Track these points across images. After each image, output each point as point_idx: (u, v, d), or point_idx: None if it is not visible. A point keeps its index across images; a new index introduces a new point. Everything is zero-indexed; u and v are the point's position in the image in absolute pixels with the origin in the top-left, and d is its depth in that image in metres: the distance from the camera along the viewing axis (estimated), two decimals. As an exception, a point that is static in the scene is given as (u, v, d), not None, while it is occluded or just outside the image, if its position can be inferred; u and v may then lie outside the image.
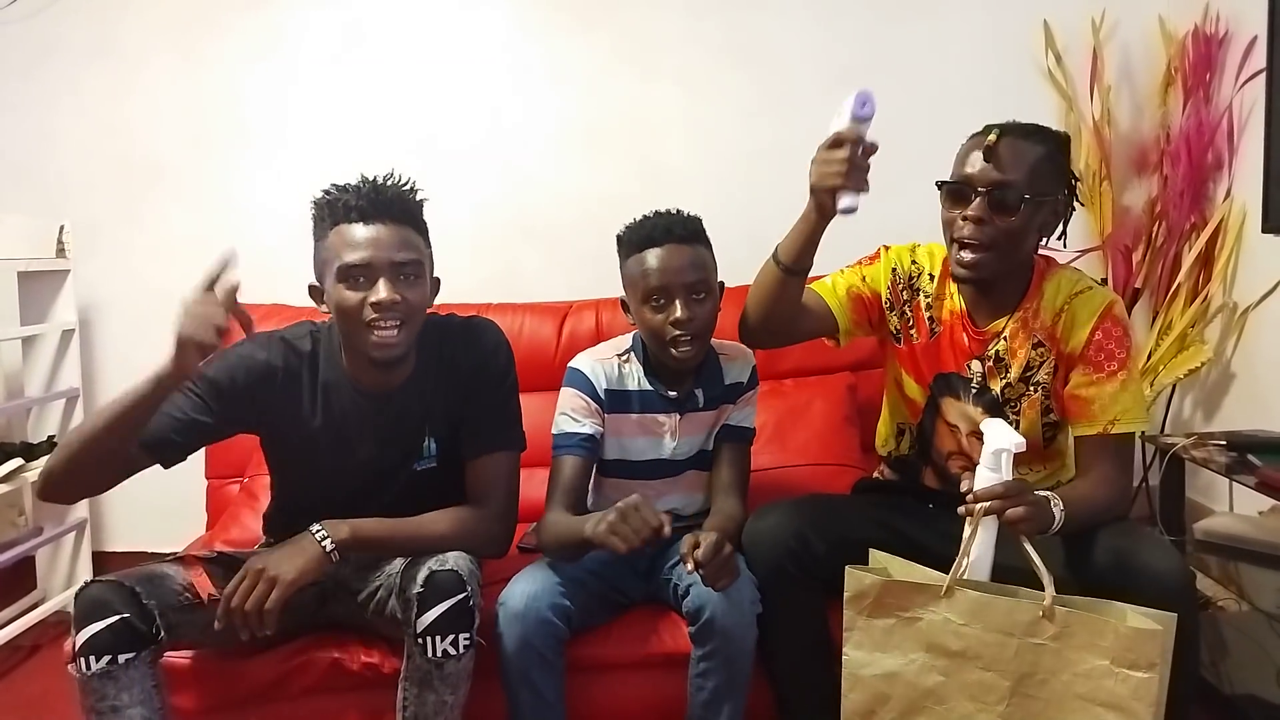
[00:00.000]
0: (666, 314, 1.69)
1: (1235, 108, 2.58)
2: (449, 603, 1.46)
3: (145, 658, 1.45)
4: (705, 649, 1.59)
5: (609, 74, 2.79)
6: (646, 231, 1.72)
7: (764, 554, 1.62)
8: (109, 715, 1.42)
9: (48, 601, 2.64)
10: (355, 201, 1.55)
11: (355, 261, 1.53)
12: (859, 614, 1.51)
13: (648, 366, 1.82)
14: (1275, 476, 1.86)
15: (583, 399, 1.78)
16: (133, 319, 2.84)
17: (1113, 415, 1.58)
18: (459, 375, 1.69)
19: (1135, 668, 1.33)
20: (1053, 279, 1.67)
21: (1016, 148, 1.55)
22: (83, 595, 1.46)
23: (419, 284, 1.59)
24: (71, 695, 1.44)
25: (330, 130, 2.77)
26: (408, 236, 1.58)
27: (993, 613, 1.42)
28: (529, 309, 2.49)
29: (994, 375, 1.68)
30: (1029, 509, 1.41)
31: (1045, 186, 1.58)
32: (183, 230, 2.81)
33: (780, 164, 2.79)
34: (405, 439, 1.69)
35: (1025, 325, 1.66)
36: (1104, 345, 1.60)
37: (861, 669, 1.52)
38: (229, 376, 1.61)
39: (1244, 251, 2.57)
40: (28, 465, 2.49)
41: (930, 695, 1.48)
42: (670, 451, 1.83)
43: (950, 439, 1.75)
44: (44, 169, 2.81)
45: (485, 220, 2.81)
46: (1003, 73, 2.78)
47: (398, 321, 1.54)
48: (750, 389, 1.88)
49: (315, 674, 1.67)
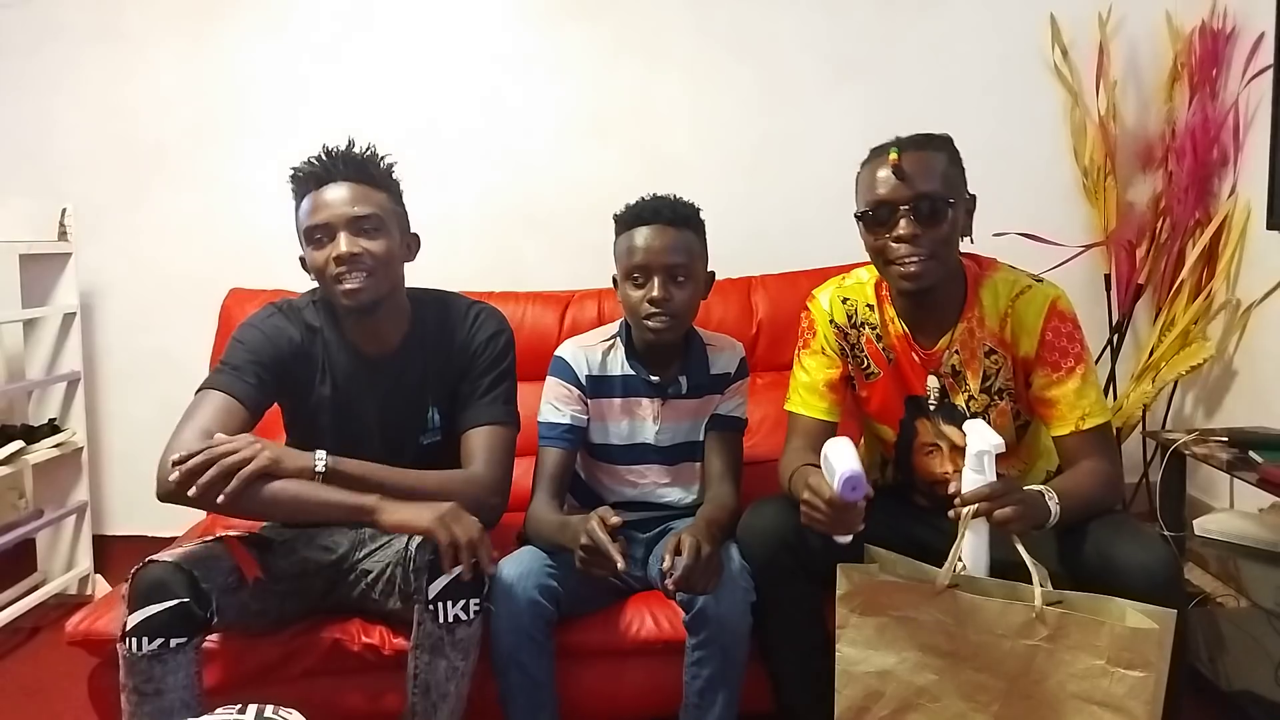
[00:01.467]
0: (644, 291, 1.73)
1: (1241, 104, 2.57)
2: (459, 568, 1.47)
3: (195, 642, 1.47)
4: (700, 637, 1.60)
5: (612, 63, 2.78)
6: (638, 211, 1.77)
7: (760, 546, 1.62)
8: (151, 698, 1.43)
9: (48, 584, 2.64)
10: (314, 169, 1.64)
11: (315, 223, 1.62)
12: (851, 611, 1.51)
13: (631, 350, 1.85)
14: (1276, 473, 1.86)
15: (564, 386, 1.83)
16: (135, 303, 2.84)
17: (1080, 412, 1.58)
18: (458, 352, 1.73)
19: (1131, 667, 1.32)
20: (988, 285, 1.65)
21: (921, 158, 1.55)
22: (143, 575, 1.46)
23: (381, 236, 1.64)
24: (72, 675, 1.44)
25: (333, 116, 2.76)
26: (365, 193, 1.64)
27: (984, 616, 1.42)
28: (531, 298, 2.49)
29: (955, 390, 1.67)
30: (1017, 508, 1.40)
31: (958, 185, 1.58)
32: (185, 214, 2.80)
33: (784, 156, 2.81)
34: (407, 407, 1.73)
35: (973, 335, 1.64)
36: (1056, 344, 1.59)
37: (854, 665, 1.52)
38: (271, 350, 1.66)
39: (1248, 248, 2.57)
40: (29, 448, 2.49)
41: (924, 693, 1.49)
42: (653, 436, 1.85)
43: (932, 465, 1.73)
44: (46, 152, 2.81)
45: (488, 208, 2.81)
46: (1008, 66, 2.77)
47: (363, 272, 1.60)
48: (739, 379, 1.89)
49: (316, 655, 1.68)
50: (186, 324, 2.74)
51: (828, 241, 2.33)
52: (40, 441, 2.56)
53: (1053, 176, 2.81)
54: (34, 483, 2.74)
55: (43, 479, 2.72)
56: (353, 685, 1.71)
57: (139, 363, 2.84)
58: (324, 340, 1.72)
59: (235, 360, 1.64)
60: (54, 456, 2.59)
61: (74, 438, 2.67)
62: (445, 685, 1.52)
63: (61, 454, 2.62)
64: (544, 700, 1.61)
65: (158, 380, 2.83)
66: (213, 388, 1.60)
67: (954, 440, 1.68)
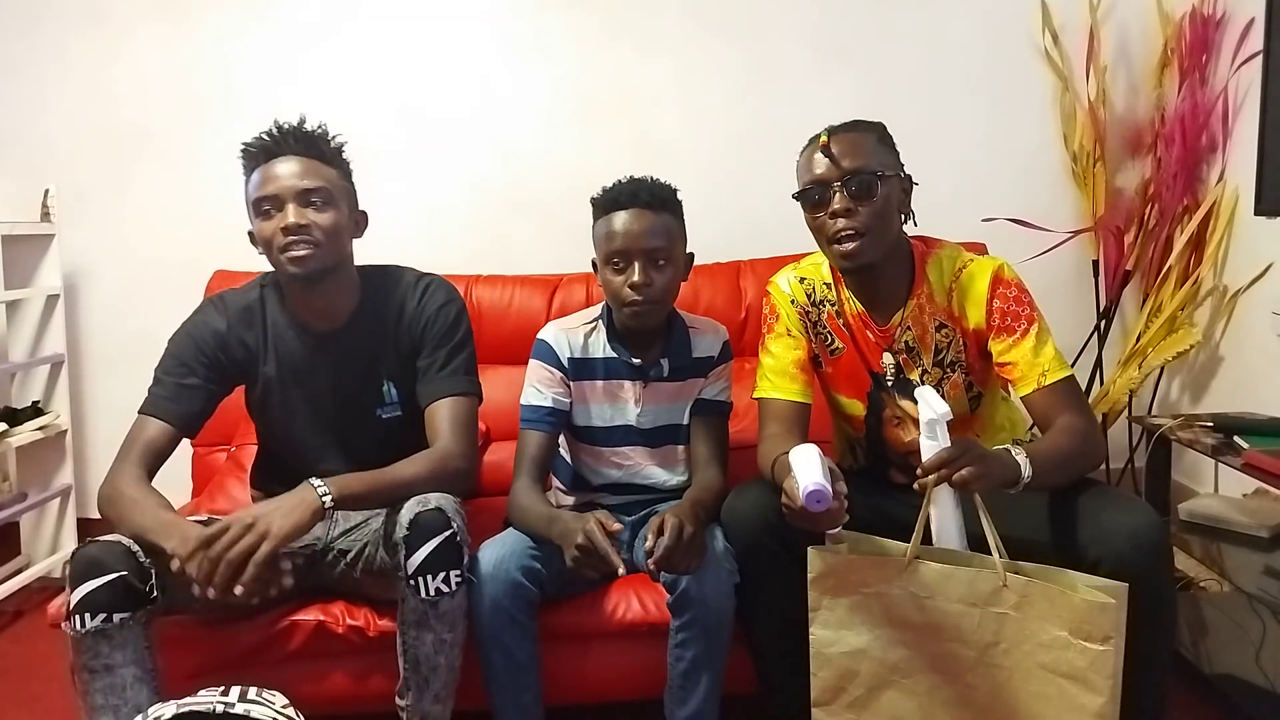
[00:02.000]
0: (625, 277, 1.73)
1: (1231, 90, 2.57)
2: (436, 541, 1.48)
3: (140, 618, 1.47)
4: (683, 619, 1.60)
5: (601, 48, 2.76)
6: (615, 195, 1.76)
7: (743, 529, 1.63)
8: (102, 674, 1.43)
9: (32, 567, 2.64)
10: (265, 143, 1.66)
11: (264, 194, 1.63)
12: (823, 594, 1.52)
13: (612, 333, 1.85)
14: (1261, 458, 1.87)
15: (546, 369, 1.83)
16: (119, 285, 2.82)
17: (1040, 369, 1.60)
18: (409, 324, 1.75)
19: (1091, 640, 1.34)
20: (933, 261, 1.70)
21: (850, 139, 1.62)
22: (80, 553, 1.47)
23: (328, 209, 1.65)
24: (56, 659, 1.44)
25: (320, 100, 2.73)
26: (313, 167, 1.65)
27: (955, 584, 1.43)
28: (519, 281, 2.48)
29: (910, 366, 1.70)
30: (976, 467, 1.38)
31: (890, 163, 1.64)
32: (170, 196, 2.78)
33: (773, 140, 2.78)
34: (360, 381, 1.75)
35: (923, 310, 1.68)
36: (1005, 310, 1.63)
37: (828, 647, 1.53)
38: (194, 342, 1.71)
39: (1235, 234, 2.57)
40: (12, 430, 2.48)
41: (896, 669, 1.50)
42: (635, 419, 1.85)
43: (902, 435, 1.75)
44: (29, 133, 2.77)
45: (476, 193, 2.79)
46: (998, 51, 2.76)
47: (310, 244, 1.61)
48: (723, 363, 1.89)
49: (300, 638, 1.67)
50: (171, 307, 2.67)
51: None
52: (24, 424, 2.54)
53: (1042, 162, 2.81)
54: (18, 466, 2.73)
55: (27, 462, 2.70)
56: (339, 668, 1.71)
57: (123, 346, 2.82)
58: (267, 321, 1.74)
59: (165, 371, 1.70)
60: (38, 439, 2.58)
61: (58, 420, 2.66)
62: (435, 658, 1.52)
63: (45, 437, 2.61)
64: (527, 682, 1.62)
65: (142, 363, 2.74)
66: (146, 412, 1.66)
67: (912, 414, 1.71)
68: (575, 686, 1.75)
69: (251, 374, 1.75)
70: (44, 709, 2.04)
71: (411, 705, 1.54)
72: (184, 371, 1.68)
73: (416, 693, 1.54)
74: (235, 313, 1.74)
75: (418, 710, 1.54)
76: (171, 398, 1.66)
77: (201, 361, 1.69)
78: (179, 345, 1.71)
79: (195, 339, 1.71)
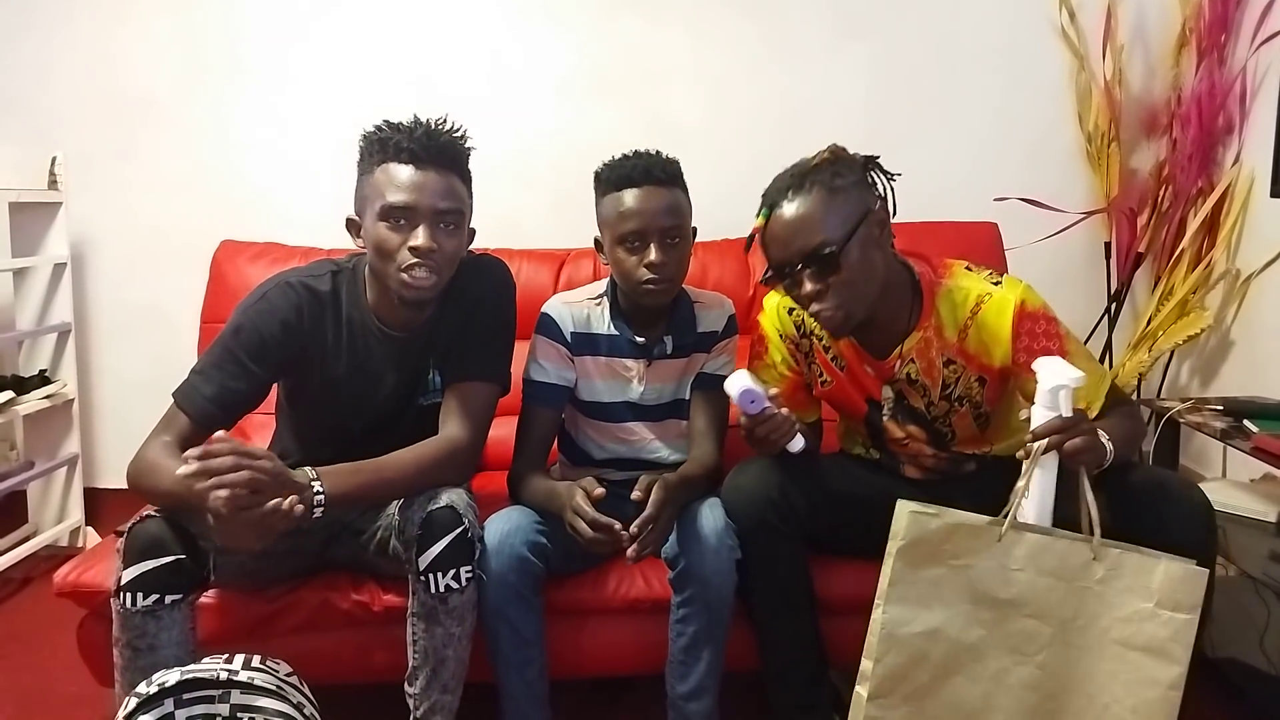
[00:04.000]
0: (641, 257, 1.68)
1: (1249, 70, 2.54)
2: (448, 539, 1.48)
3: (190, 599, 1.47)
4: (684, 595, 1.60)
5: (613, 19, 2.73)
6: (625, 171, 1.69)
7: (745, 506, 1.61)
8: (145, 653, 1.43)
9: (39, 535, 2.65)
10: (407, 143, 1.54)
11: (399, 203, 1.53)
12: (908, 565, 1.42)
13: (616, 310, 1.81)
14: (1271, 442, 1.86)
15: (551, 344, 1.79)
16: (126, 254, 2.81)
17: (1085, 402, 1.54)
18: (462, 306, 1.69)
19: (1179, 609, 1.35)
20: (944, 295, 1.59)
21: (794, 217, 1.46)
22: (138, 531, 1.44)
23: (457, 233, 1.59)
24: (62, 626, 1.44)
25: (328, 69, 2.72)
26: (453, 185, 1.58)
27: (1048, 556, 1.40)
28: (527, 255, 2.47)
29: (912, 395, 1.66)
30: (1087, 439, 1.37)
31: (848, 217, 1.47)
32: (177, 165, 2.77)
33: (787, 114, 2.77)
34: (416, 374, 1.70)
35: (929, 344, 1.60)
36: (1034, 347, 1.54)
37: (901, 627, 1.42)
38: (261, 333, 1.59)
39: (1250, 218, 2.55)
40: (19, 398, 2.48)
41: (969, 651, 1.43)
42: (638, 396, 1.84)
43: (908, 451, 1.73)
44: (36, 100, 2.76)
45: (484, 165, 2.71)
46: (1014, 28, 2.73)
47: (433, 267, 1.54)
48: (727, 337, 1.87)
49: (305, 612, 1.68)
50: (177, 276, 2.71)
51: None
52: (31, 392, 2.54)
53: (1056, 141, 2.78)
54: (25, 434, 2.73)
55: (34, 430, 2.71)
56: (343, 641, 1.71)
57: (130, 314, 2.82)
58: (343, 317, 1.66)
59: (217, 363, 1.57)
60: (45, 408, 2.58)
61: (65, 389, 2.66)
62: (444, 651, 1.52)
63: (52, 405, 2.61)
64: (532, 656, 1.62)
65: (149, 333, 2.81)
66: (183, 407, 1.54)
67: (918, 437, 1.69)
68: (578, 661, 1.76)
69: (314, 367, 1.66)
70: (51, 676, 2.05)
71: (420, 694, 1.54)
72: (236, 371, 1.56)
73: (425, 682, 1.53)
74: (309, 303, 1.63)
75: (426, 698, 1.54)
76: (213, 400, 1.55)
77: (261, 359, 1.58)
78: (242, 336, 1.58)
79: (262, 333, 1.58)
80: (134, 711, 1.29)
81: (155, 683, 1.28)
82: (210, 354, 1.59)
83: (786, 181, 1.50)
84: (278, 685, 1.35)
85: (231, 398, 1.57)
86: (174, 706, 1.29)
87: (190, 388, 1.56)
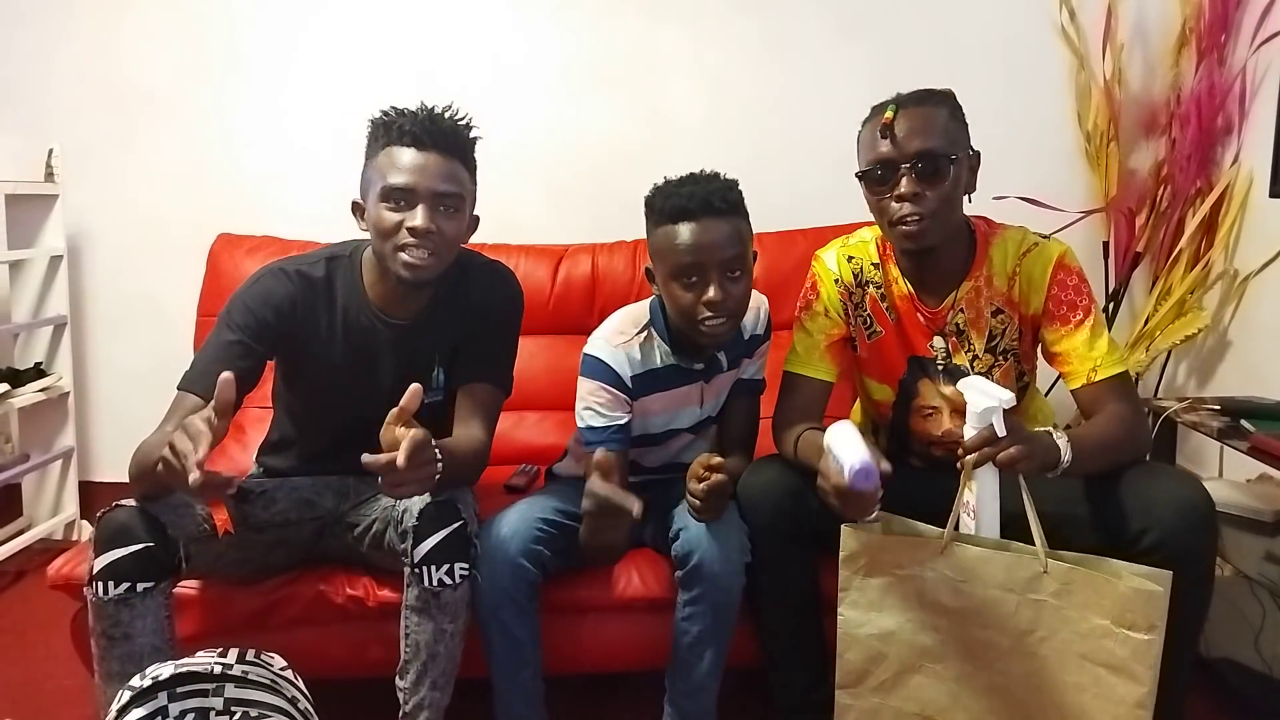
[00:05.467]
0: (699, 294, 1.56)
1: (1249, 70, 2.53)
2: (444, 531, 1.48)
3: (163, 588, 1.46)
4: (692, 593, 1.60)
5: (614, 15, 2.72)
6: (682, 202, 1.56)
7: (757, 507, 1.61)
8: (120, 642, 1.43)
9: (34, 528, 2.64)
10: (410, 126, 1.56)
11: (399, 184, 1.54)
12: (854, 574, 1.48)
13: (667, 338, 1.71)
14: (1268, 442, 1.86)
15: (609, 392, 1.68)
16: (123, 246, 2.80)
17: (1091, 364, 1.56)
18: (472, 313, 1.70)
19: (1135, 629, 1.31)
20: (998, 243, 1.63)
21: (922, 114, 1.53)
22: (107, 519, 1.45)
23: (457, 217, 1.60)
24: (56, 620, 1.43)
25: (328, 62, 2.71)
26: (454, 169, 1.59)
27: (992, 569, 1.39)
28: (525, 250, 2.47)
29: (958, 350, 1.66)
30: (1023, 447, 1.35)
31: (961, 140, 1.57)
32: (174, 157, 2.75)
33: (786, 111, 2.77)
34: (416, 369, 1.69)
35: (979, 294, 1.63)
36: (1062, 297, 1.58)
37: (857, 628, 1.50)
38: (255, 315, 1.60)
39: (1249, 218, 2.55)
40: (14, 391, 2.47)
41: (926, 654, 1.47)
42: (697, 420, 1.80)
43: (928, 427, 1.72)
44: (33, 91, 2.75)
45: (482, 159, 2.73)
46: (1014, 26, 2.72)
47: (430, 249, 1.55)
48: (765, 339, 1.83)
49: (299, 605, 1.68)
50: (175, 269, 2.71)
51: (828, 200, 2.31)
52: (26, 385, 2.53)
53: (1055, 140, 2.77)
54: (20, 427, 2.73)
55: (29, 423, 2.70)
56: (337, 635, 1.71)
57: (126, 307, 2.81)
58: (338, 304, 1.66)
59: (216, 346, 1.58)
60: (40, 401, 2.57)
61: (60, 382, 2.65)
62: (435, 646, 1.52)
63: (48, 398, 2.60)
64: (527, 658, 1.61)
65: (145, 326, 2.80)
66: (188, 389, 1.54)
67: (955, 402, 1.67)
68: (577, 658, 1.76)
69: (308, 353, 1.66)
70: (45, 669, 2.05)
71: (410, 687, 1.54)
72: (240, 350, 1.57)
73: (415, 676, 1.53)
74: (302, 289, 1.64)
75: (416, 693, 1.53)
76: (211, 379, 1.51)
77: (259, 338, 1.59)
78: (236, 318, 1.59)
79: (256, 315, 1.60)
80: (127, 705, 1.28)
81: (149, 676, 1.27)
82: (210, 341, 1.60)
83: (918, 92, 1.57)
84: (272, 679, 1.34)
85: (241, 374, 1.54)
86: (167, 700, 1.29)
87: (196, 372, 1.56)
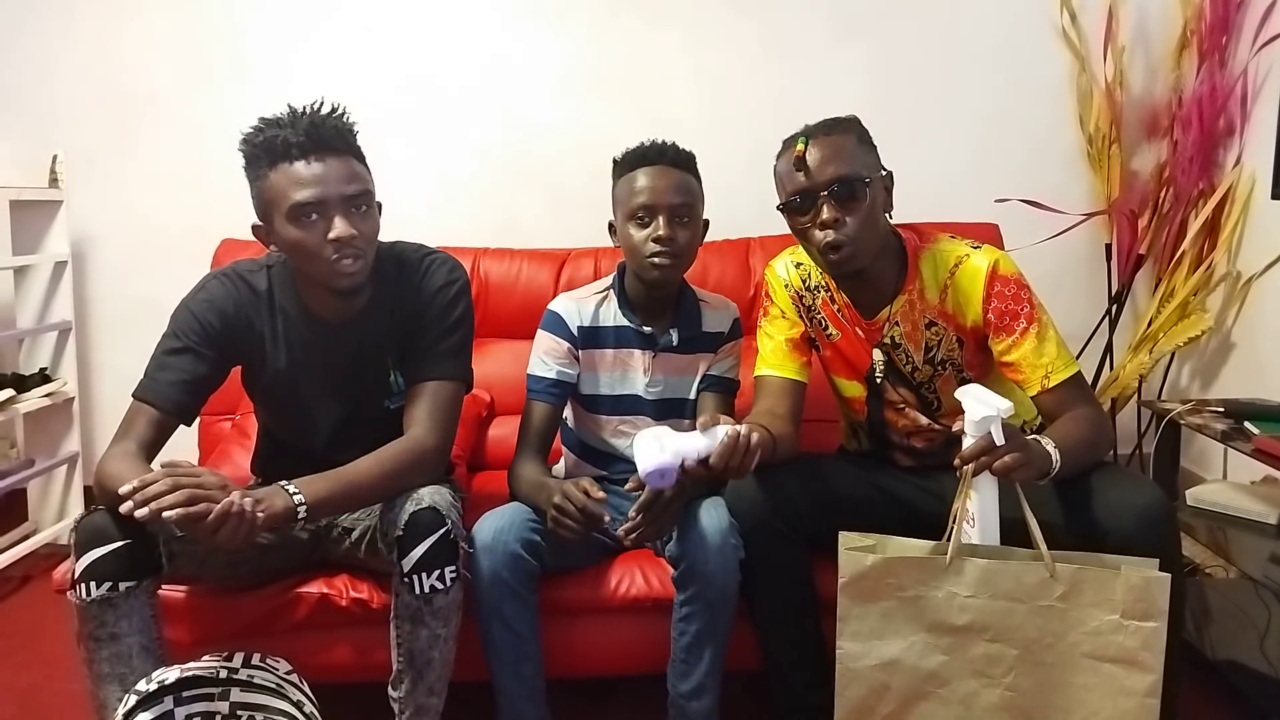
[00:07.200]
0: (650, 231, 1.72)
1: (1251, 72, 2.54)
2: (430, 540, 1.47)
3: (146, 587, 1.45)
4: (687, 594, 1.60)
5: (613, 18, 2.73)
6: (641, 152, 1.77)
7: (748, 509, 1.61)
8: (107, 643, 1.42)
9: (39, 533, 2.65)
10: (294, 138, 1.50)
11: (306, 199, 1.49)
12: (854, 601, 1.44)
13: (623, 300, 1.85)
14: (1272, 444, 1.86)
15: (555, 340, 1.83)
16: (127, 252, 2.81)
17: (1043, 371, 1.58)
18: (413, 305, 1.67)
19: (1146, 618, 1.33)
20: (927, 257, 1.65)
21: (831, 143, 1.57)
22: (85, 521, 1.45)
23: (370, 214, 1.57)
24: (62, 625, 1.43)
25: (330, 68, 2.72)
26: (353, 168, 1.54)
27: (1003, 579, 1.38)
28: (527, 255, 2.47)
29: (899, 361, 1.69)
30: (1020, 454, 1.36)
31: (871, 163, 1.60)
32: (178, 162, 2.76)
33: (785, 114, 2.74)
34: (370, 372, 1.68)
35: (913, 307, 1.65)
36: (1002, 308, 1.59)
37: (857, 661, 1.45)
38: (200, 320, 1.60)
39: (1251, 220, 2.55)
40: (19, 396, 2.48)
41: (933, 678, 1.44)
42: (643, 388, 1.85)
43: (902, 420, 1.74)
44: (37, 97, 2.75)
45: (484, 165, 2.77)
46: (1015, 29, 2.73)
47: (357, 254, 1.53)
48: (732, 339, 1.89)
49: (304, 609, 1.67)
50: (178, 274, 2.66)
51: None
52: (31, 391, 2.54)
53: (1056, 143, 2.78)
54: (25, 432, 2.73)
55: (34, 428, 2.71)
56: (341, 639, 1.71)
57: (130, 313, 2.82)
58: (278, 310, 1.65)
59: (166, 353, 1.58)
60: (45, 406, 2.58)
61: (65, 388, 2.66)
62: (429, 653, 1.51)
63: (53, 404, 2.61)
64: (528, 652, 1.62)
65: (149, 331, 2.72)
66: (142, 398, 1.54)
67: (909, 401, 1.71)
68: (577, 660, 1.76)
69: (257, 361, 1.66)
70: (51, 673, 2.05)
71: (405, 697, 1.53)
72: (190, 356, 1.57)
73: (410, 685, 1.52)
74: (245, 294, 1.64)
75: (411, 702, 1.53)
76: (176, 385, 1.55)
77: (207, 344, 1.59)
78: (183, 324, 1.60)
79: (202, 321, 1.60)
80: (134, 709, 1.29)
81: (155, 680, 1.28)
82: (159, 351, 1.60)
83: (825, 122, 1.62)
84: (277, 683, 1.35)
85: (194, 380, 1.57)
86: (173, 704, 1.30)
87: (150, 381, 1.56)
